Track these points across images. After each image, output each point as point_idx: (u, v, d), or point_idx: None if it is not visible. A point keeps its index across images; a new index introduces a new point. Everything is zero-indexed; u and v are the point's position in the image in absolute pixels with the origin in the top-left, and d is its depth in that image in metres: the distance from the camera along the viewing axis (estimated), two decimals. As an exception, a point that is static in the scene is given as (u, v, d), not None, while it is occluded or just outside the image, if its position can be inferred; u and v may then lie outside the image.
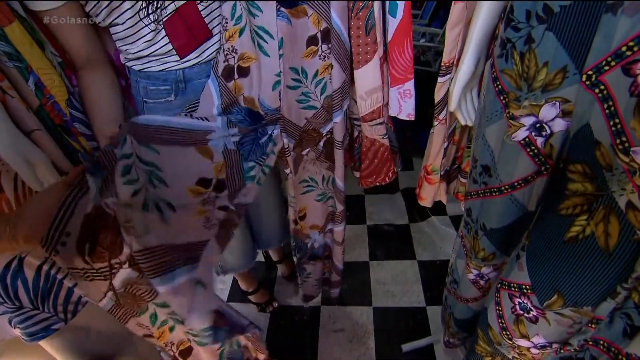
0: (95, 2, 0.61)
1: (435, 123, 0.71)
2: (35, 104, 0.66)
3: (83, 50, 0.68)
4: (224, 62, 0.70)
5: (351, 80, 0.71)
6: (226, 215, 0.71)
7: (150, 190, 0.60)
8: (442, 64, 0.64)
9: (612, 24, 0.40)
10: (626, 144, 0.42)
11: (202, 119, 0.69)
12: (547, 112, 0.51)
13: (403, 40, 0.65)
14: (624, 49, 0.40)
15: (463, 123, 0.68)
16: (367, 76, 0.68)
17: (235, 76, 0.71)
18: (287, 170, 0.81)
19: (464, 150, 0.81)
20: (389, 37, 0.66)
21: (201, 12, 0.69)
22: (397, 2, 0.62)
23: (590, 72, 0.44)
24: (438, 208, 1.49)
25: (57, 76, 0.68)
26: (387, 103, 0.74)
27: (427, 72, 1.72)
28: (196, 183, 0.68)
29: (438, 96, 0.68)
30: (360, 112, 0.73)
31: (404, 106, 0.71)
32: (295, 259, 1.02)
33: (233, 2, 0.65)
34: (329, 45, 0.66)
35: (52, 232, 0.50)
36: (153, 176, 0.63)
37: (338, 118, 0.73)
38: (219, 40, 0.71)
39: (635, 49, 0.39)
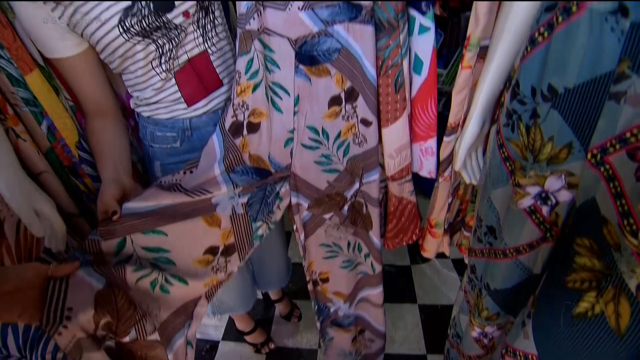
0: (111, 51, 0.63)
1: (440, 180, 0.71)
2: (46, 146, 0.67)
3: (95, 98, 0.68)
4: (232, 117, 0.69)
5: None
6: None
7: (158, 272, 0.60)
8: (448, 125, 0.65)
9: (616, 110, 0.41)
10: (634, 227, 0.42)
11: (203, 191, 0.66)
12: (553, 183, 0.51)
13: (427, 99, 0.64)
14: (628, 134, 0.41)
15: (468, 182, 0.68)
16: (397, 134, 0.65)
17: (244, 132, 0.70)
18: (294, 227, 0.78)
19: (468, 203, 0.81)
20: (413, 94, 0.65)
21: (213, 63, 0.71)
22: (423, 60, 0.62)
23: (595, 152, 0.45)
24: (440, 250, 1.47)
25: (69, 120, 0.69)
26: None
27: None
28: (204, 253, 0.66)
29: (443, 154, 0.68)
30: (389, 171, 0.70)
31: (425, 163, 0.69)
32: (317, 323, 0.95)
33: (249, 57, 0.65)
34: (353, 105, 0.64)
35: (53, 312, 0.49)
36: (160, 261, 0.61)
37: (375, 176, 0.70)
38: (229, 91, 0.71)
39: (640, 136, 0.39)
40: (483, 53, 0.60)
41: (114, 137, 0.68)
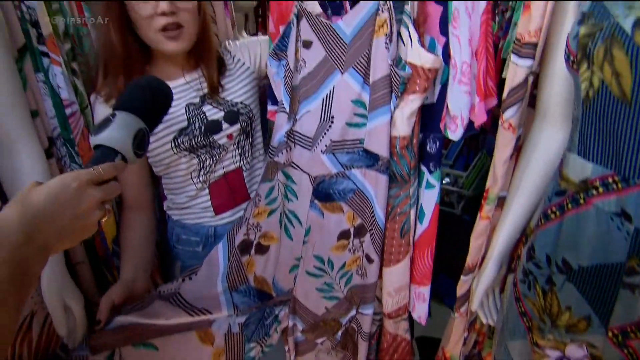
0: (159, 159, 0.71)
1: (456, 315, 0.71)
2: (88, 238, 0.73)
3: (136, 193, 0.74)
4: (244, 235, 0.72)
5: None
6: None
7: None
8: (466, 266, 0.67)
9: (632, 299, 0.42)
10: None
11: (204, 311, 0.67)
12: (574, 351, 0.50)
13: (425, 248, 0.67)
14: (647, 326, 0.41)
15: (485, 322, 0.67)
16: (397, 275, 0.68)
17: (252, 252, 0.72)
18: (286, 348, 0.78)
19: (485, 337, 0.78)
20: (415, 238, 0.68)
21: (245, 178, 0.77)
22: (426, 212, 0.66)
23: (616, 332, 0.45)
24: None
25: (112, 217, 0.76)
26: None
27: (450, 214, 1.76)
28: None
29: (460, 292, 0.69)
30: (386, 308, 0.71)
31: (417, 307, 0.71)
32: None
33: (271, 184, 0.72)
34: (361, 240, 0.67)
35: None
36: None
37: (369, 310, 0.71)
38: (247, 211, 0.74)
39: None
40: (501, 202, 0.64)
41: (144, 232, 0.73)
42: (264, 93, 0.80)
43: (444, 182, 1.91)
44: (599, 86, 0.39)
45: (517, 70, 0.52)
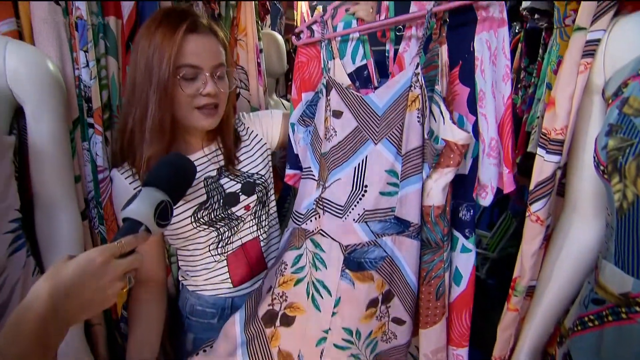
0: (177, 235, 0.69)
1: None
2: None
3: (149, 268, 0.71)
4: (269, 305, 0.70)
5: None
6: None
7: None
8: (493, 358, 0.62)
9: None
10: None
11: None
12: None
13: (463, 310, 0.65)
14: None
15: None
16: (434, 336, 0.66)
17: (277, 323, 0.69)
18: None
19: None
20: (451, 300, 0.67)
21: (262, 247, 0.77)
22: (463, 274, 0.66)
23: None
24: None
25: (125, 286, 0.77)
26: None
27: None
28: None
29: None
30: None
31: None
32: None
33: (299, 252, 0.70)
34: (387, 306, 0.66)
35: None
36: None
37: None
38: (269, 279, 0.72)
39: None
40: (530, 291, 0.60)
41: (153, 308, 0.71)
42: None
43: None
44: (633, 200, 0.38)
45: (544, 164, 0.52)
